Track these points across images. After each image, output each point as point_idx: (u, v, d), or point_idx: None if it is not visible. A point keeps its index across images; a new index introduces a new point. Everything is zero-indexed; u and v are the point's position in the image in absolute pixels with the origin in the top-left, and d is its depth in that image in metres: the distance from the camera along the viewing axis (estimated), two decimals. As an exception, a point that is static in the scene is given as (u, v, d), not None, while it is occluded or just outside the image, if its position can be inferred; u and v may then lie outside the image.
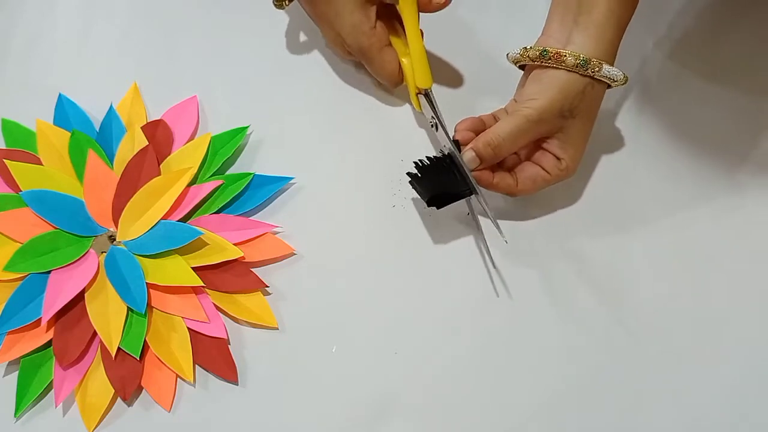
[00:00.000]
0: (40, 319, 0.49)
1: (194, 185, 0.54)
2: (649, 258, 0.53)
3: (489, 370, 0.49)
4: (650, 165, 0.56)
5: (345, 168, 0.57)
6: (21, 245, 0.51)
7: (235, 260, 0.52)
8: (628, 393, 0.49)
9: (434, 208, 0.50)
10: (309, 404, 0.49)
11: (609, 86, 0.50)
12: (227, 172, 0.56)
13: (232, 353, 0.50)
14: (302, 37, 0.63)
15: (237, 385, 0.49)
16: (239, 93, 0.60)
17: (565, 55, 0.48)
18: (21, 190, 0.53)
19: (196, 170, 0.55)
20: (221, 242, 0.52)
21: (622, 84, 0.50)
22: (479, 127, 0.52)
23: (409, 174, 0.51)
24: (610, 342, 0.50)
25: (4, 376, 0.50)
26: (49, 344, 0.49)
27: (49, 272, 0.51)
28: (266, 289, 0.52)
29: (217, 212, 0.54)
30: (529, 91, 0.50)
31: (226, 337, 0.50)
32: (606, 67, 0.48)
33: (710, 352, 0.50)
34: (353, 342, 0.50)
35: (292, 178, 0.56)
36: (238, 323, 0.51)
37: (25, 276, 0.51)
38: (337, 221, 0.55)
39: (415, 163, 0.51)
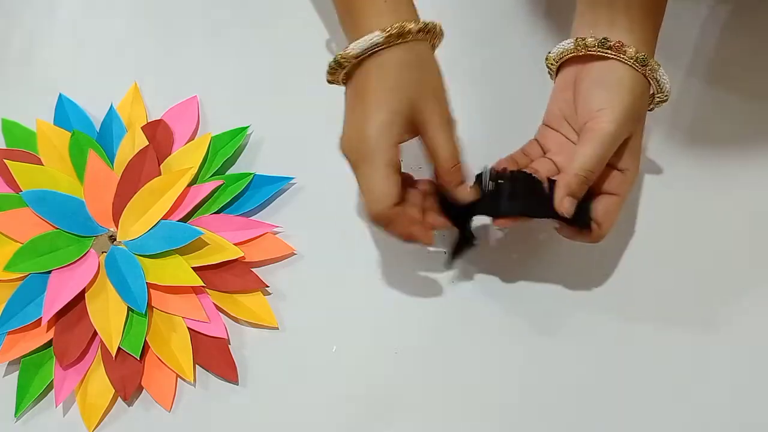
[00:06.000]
0: (40, 319, 0.49)
1: (194, 185, 0.54)
2: (654, 263, 0.53)
3: (489, 370, 0.49)
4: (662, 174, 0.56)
5: (345, 168, 0.56)
6: (21, 245, 0.51)
7: (236, 260, 0.52)
8: (632, 395, 0.49)
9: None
10: (309, 404, 0.49)
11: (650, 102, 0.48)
12: (227, 172, 0.56)
13: (232, 353, 0.50)
14: (302, 38, 0.62)
15: (237, 384, 0.49)
16: (239, 93, 0.60)
17: (628, 46, 0.44)
18: (21, 190, 0.53)
19: (196, 170, 0.55)
20: (221, 242, 0.52)
21: (663, 101, 0.47)
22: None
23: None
24: (612, 346, 0.50)
25: (4, 376, 0.50)
26: (49, 344, 0.49)
27: (49, 272, 0.51)
28: (266, 289, 0.52)
29: (218, 212, 0.54)
30: (596, 100, 0.45)
31: (226, 337, 0.50)
32: (662, 70, 0.45)
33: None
34: (353, 342, 0.50)
35: (292, 179, 0.56)
36: (238, 323, 0.51)
37: (26, 276, 0.51)
38: (337, 221, 0.55)
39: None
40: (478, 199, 0.47)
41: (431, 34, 0.47)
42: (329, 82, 0.48)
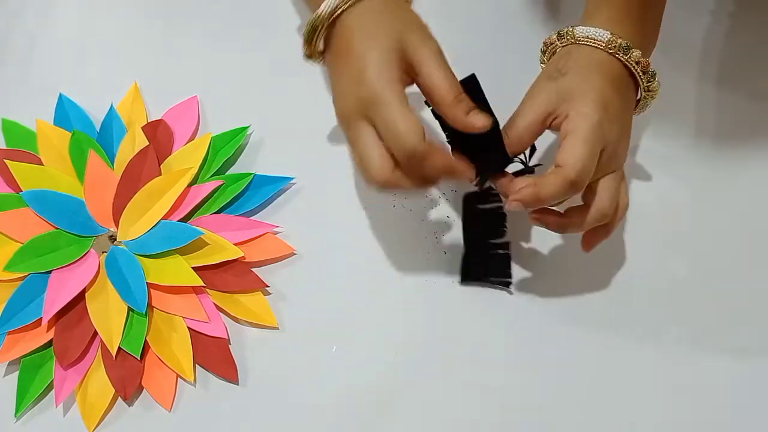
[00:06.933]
0: (40, 319, 0.49)
1: (195, 185, 0.54)
2: (648, 258, 0.53)
3: (489, 369, 0.50)
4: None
5: (345, 168, 0.57)
6: (21, 245, 0.51)
7: (236, 260, 0.52)
8: (633, 396, 0.49)
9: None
10: (309, 404, 0.49)
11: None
12: (228, 172, 0.56)
13: (232, 353, 0.50)
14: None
15: (237, 384, 0.49)
16: (239, 93, 0.60)
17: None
18: (21, 190, 0.53)
19: (196, 170, 0.55)
20: (221, 242, 0.52)
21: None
22: None
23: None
24: (612, 346, 0.50)
25: (4, 376, 0.50)
26: (49, 344, 0.49)
27: (49, 272, 0.51)
28: (266, 289, 0.52)
29: (218, 212, 0.54)
30: None
31: (226, 337, 0.50)
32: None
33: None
34: (353, 342, 0.50)
35: (292, 179, 0.56)
36: (238, 323, 0.51)
37: (26, 276, 0.51)
38: (337, 221, 0.55)
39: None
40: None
41: None
42: (307, 57, 0.48)
